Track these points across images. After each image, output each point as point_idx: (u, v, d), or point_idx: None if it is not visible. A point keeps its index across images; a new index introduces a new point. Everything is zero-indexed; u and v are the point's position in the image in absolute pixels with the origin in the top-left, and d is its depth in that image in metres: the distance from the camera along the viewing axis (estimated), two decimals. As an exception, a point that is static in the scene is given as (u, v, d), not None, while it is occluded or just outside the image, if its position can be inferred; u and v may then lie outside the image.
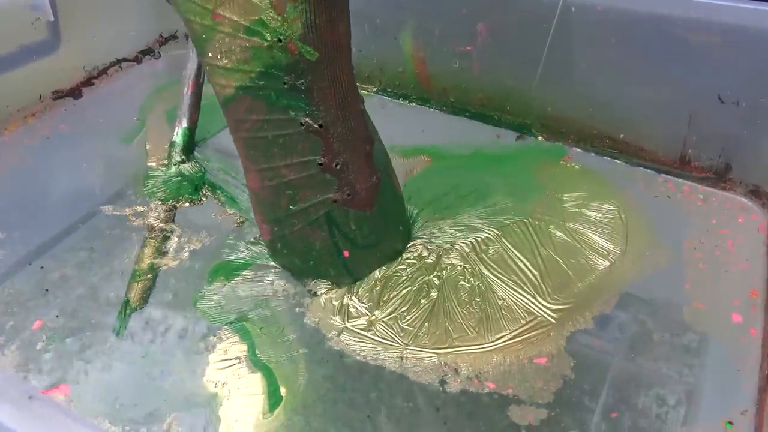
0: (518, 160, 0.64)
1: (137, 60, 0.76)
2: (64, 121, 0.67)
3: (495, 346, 0.46)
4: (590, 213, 0.57)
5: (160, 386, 0.44)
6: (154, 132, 0.66)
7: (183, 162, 0.60)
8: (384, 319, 0.48)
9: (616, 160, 0.63)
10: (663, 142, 0.61)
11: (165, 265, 0.52)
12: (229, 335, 0.47)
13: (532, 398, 0.43)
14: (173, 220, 0.56)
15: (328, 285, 0.50)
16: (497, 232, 0.54)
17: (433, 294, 0.49)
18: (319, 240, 0.48)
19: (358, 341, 0.46)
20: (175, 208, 0.57)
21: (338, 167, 0.45)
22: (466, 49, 0.65)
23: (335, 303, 0.49)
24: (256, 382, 0.44)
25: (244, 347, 0.46)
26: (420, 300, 0.49)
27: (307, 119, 0.43)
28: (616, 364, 0.45)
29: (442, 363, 0.45)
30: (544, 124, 0.66)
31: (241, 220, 0.56)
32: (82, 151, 0.63)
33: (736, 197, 0.59)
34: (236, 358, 0.45)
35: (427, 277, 0.50)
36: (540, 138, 0.66)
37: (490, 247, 0.53)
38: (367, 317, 0.48)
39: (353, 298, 0.49)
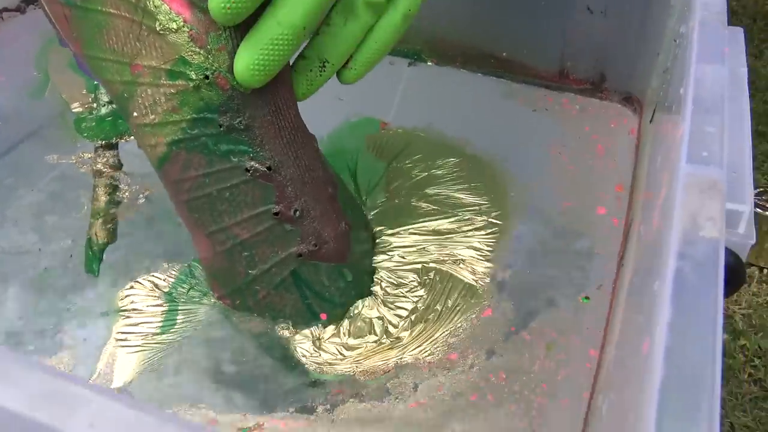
0: (342, 146, 0.58)
1: (20, 9, 0.74)
2: (-58, 75, 0.65)
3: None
4: (439, 172, 0.55)
5: (57, 301, 0.45)
6: (62, 82, 0.64)
7: (112, 102, 0.59)
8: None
9: (501, 79, 0.66)
10: (542, 57, 0.64)
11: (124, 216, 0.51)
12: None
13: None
14: (119, 160, 0.55)
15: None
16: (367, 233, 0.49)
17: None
18: (289, 306, 0.43)
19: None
20: (117, 146, 0.57)
21: (297, 214, 0.41)
22: (348, -23, 0.66)
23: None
24: (159, 309, 0.45)
25: (162, 280, 0.46)
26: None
27: (252, 163, 0.39)
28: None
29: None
30: (433, 49, 0.68)
31: None
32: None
33: (611, 104, 0.62)
34: (150, 289, 0.46)
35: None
36: (430, 63, 0.68)
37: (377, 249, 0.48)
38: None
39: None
